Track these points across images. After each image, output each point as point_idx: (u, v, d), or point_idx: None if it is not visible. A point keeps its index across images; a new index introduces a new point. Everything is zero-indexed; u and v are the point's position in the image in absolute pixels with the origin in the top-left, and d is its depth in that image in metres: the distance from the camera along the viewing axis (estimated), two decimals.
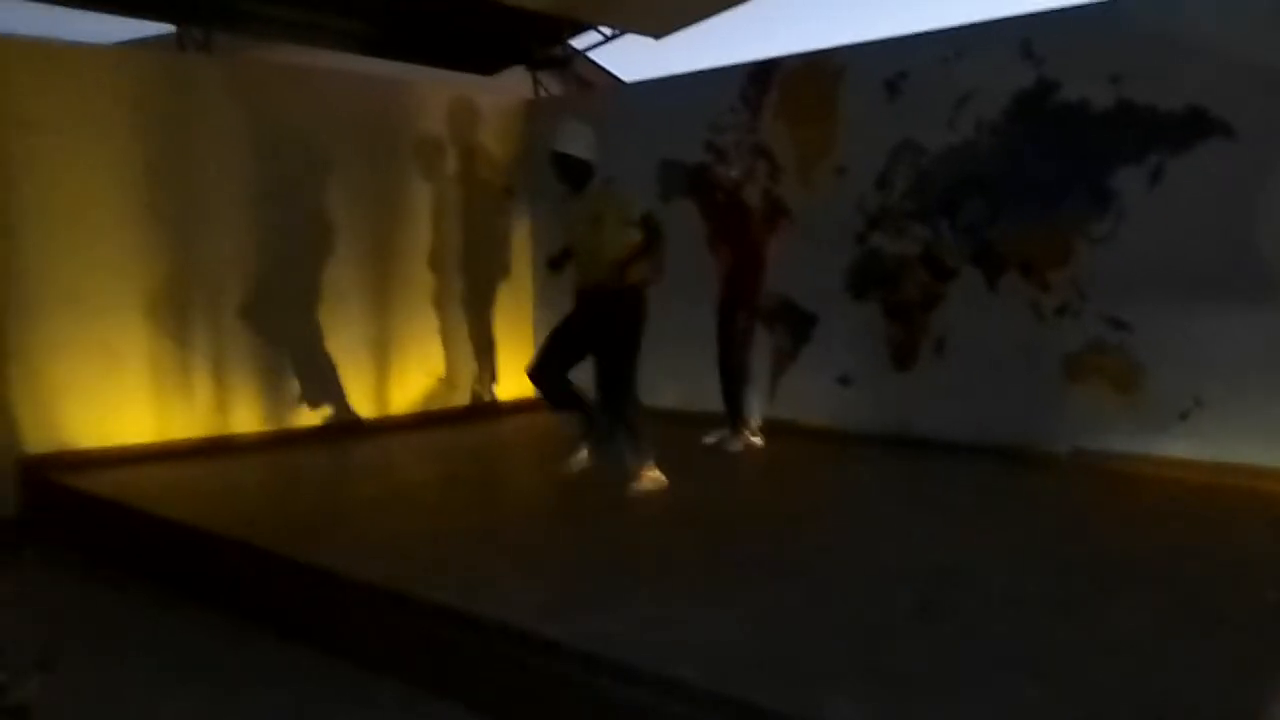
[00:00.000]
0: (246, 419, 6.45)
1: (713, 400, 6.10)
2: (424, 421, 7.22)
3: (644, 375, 6.19)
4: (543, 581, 3.62)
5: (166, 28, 7.04)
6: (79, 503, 5.12)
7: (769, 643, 2.96)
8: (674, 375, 6.49)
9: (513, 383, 7.56)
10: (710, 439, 6.06)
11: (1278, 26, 4.75)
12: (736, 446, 5.98)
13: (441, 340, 7.50)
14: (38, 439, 5.60)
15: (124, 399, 5.92)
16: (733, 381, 5.98)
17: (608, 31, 8.19)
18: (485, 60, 8.53)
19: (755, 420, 6.10)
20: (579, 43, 8.62)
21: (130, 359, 5.95)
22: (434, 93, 7.57)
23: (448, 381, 7.56)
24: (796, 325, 6.52)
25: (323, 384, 6.81)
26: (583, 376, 6.20)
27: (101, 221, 5.82)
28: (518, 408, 7.49)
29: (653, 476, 4.88)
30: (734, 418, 6.01)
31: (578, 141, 4.83)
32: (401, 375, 7.29)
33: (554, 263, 5.24)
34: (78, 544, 5.08)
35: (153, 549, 4.61)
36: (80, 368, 5.74)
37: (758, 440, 6.05)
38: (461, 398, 7.62)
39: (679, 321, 6.05)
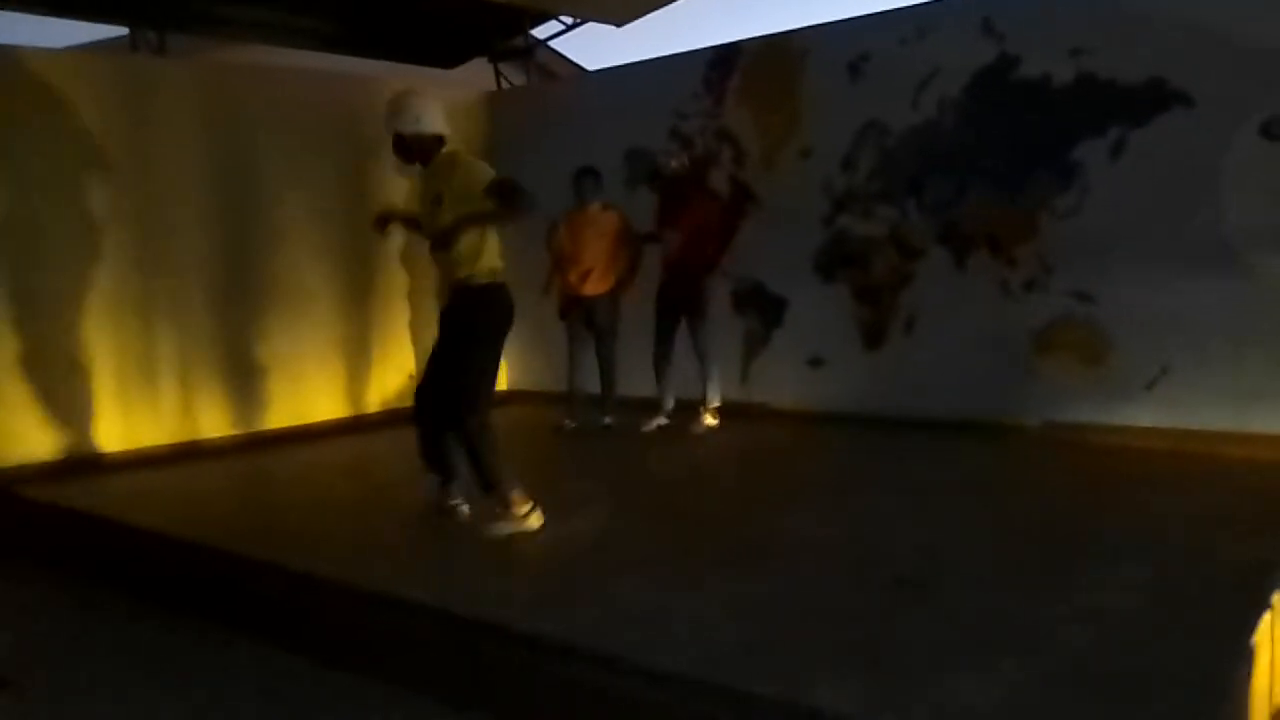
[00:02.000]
0: (215, 423, 6.37)
1: (691, 387, 6.10)
2: (397, 419, 7.14)
3: (623, 364, 6.28)
4: (522, 575, 3.60)
5: (119, 30, 6.91)
6: (44, 515, 5.03)
7: (750, 628, 2.96)
8: (649, 365, 6.46)
9: None
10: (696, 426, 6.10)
11: None
12: (699, 429, 6.03)
13: (412, 337, 7.44)
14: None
15: (88, 407, 5.82)
16: (701, 360, 6.06)
17: (569, 20, 8.13)
18: (446, 54, 8.45)
19: (714, 401, 6.12)
20: (540, 32, 8.56)
21: (93, 366, 5.85)
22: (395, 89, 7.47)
23: (419, 379, 7.49)
24: (767, 309, 6.52)
25: (293, 384, 6.74)
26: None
27: (58, 227, 5.71)
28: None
29: (521, 515, 3.96)
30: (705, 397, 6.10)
31: (425, 116, 4.04)
32: (374, 373, 7.23)
33: (381, 220, 4.45)
34: (44, 557, 4.99)
35: (121, 559, 4.54)
36: (42, 377, 5.63)
37: (713, 421, 6.09)
38: None
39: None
